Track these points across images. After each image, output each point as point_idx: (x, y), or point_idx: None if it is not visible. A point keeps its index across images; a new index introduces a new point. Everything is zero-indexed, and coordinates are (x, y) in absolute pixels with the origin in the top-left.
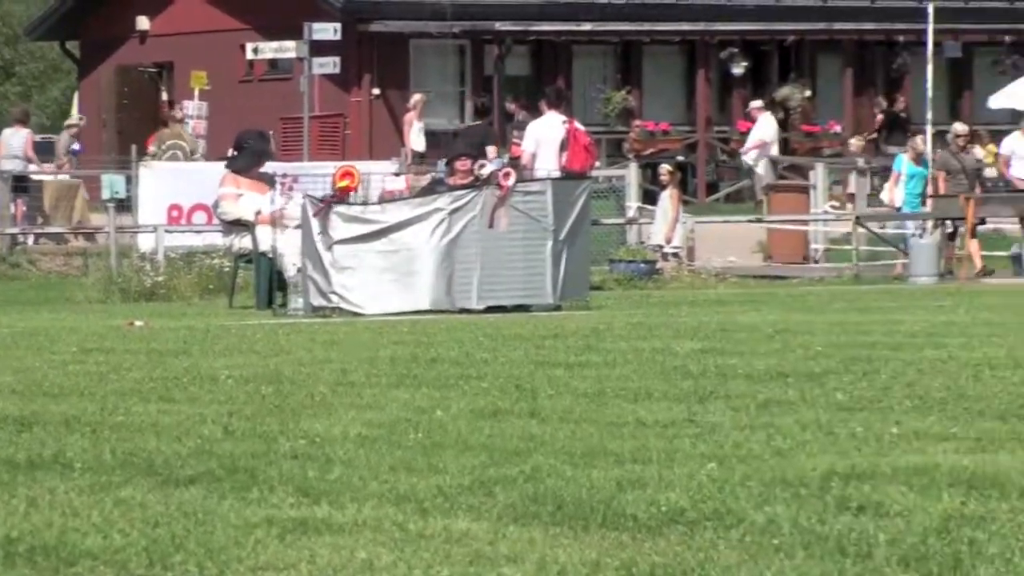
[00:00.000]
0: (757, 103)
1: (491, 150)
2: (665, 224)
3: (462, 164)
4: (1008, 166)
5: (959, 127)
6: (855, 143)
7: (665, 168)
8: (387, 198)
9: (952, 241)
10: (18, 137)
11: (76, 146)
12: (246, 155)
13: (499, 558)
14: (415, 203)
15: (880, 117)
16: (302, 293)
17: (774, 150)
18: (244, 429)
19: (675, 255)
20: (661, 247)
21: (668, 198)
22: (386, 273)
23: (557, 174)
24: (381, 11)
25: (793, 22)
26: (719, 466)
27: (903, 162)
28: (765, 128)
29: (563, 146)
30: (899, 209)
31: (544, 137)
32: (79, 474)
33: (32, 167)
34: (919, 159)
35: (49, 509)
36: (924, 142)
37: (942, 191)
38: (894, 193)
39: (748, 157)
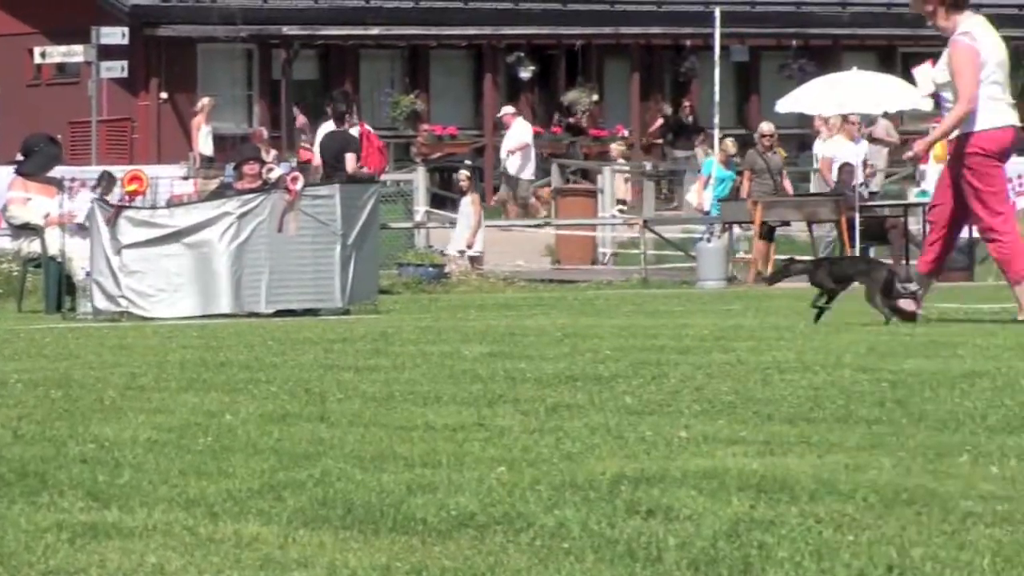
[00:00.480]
0: (509, 109)
1: (350, 158)
2: (468, 230)
3: (250, 168)
4: (830, 170)
5: (765, 127)
6: (615, 148)
7: (464, 174)
8: (175, 202)
9: (771, 242)
10: None
11: None
12: (35, 159)
13: (289, 562)
14: (204, 207)
15: (660, 121)
16: (90, 297)
17: (533, 154)
18: (33, 433)
19: (476, 259)
20: (463, 252)
21: (470, 203)
22: (175, 277)
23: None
24: (168, 15)
25: (580, 26)
26: (508, 470)
27: (712, 165)
28: (522, 132)
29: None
30: (707, 212)
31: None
32: None
33: None
34: (728, 162)
35: None
36: (734, 145)
37: (747, 191)
38: (702, 196)
39: (511, 163)
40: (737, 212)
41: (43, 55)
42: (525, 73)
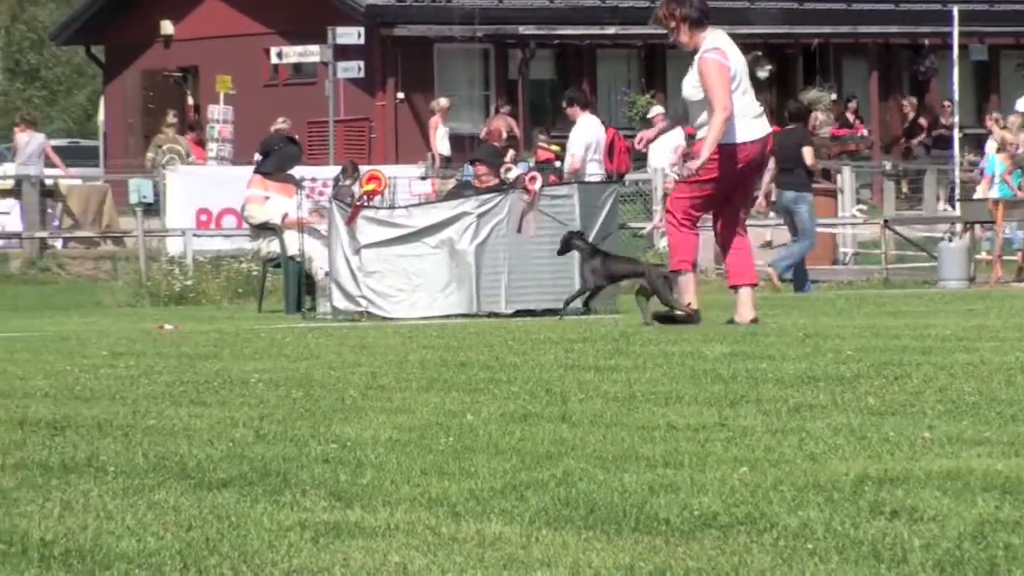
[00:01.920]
0: (659, 109)
1: (807, 152)
2: None
3: (480, 169)
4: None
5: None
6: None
7: None
8: (413, 202)
9: None
10: (34, 141)
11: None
12: (274, 159)
13: (532, 562)
14: (442, 207)
15: (923, 122)
16: (330, 297)
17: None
18: (275, 433)
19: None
20: None
21: None
22: (414, 277)
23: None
24: (405, 15)
25: (818, 25)
26: (751, 470)
27: (996, 163)
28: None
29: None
30: None
31: (593, 141)
32: (112, 477)
33: (56, 171)
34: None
35: (83, 512)
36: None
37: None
38: (989, 194)
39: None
40: (978, 212)
41: (279, 55)
42: (762, 73)
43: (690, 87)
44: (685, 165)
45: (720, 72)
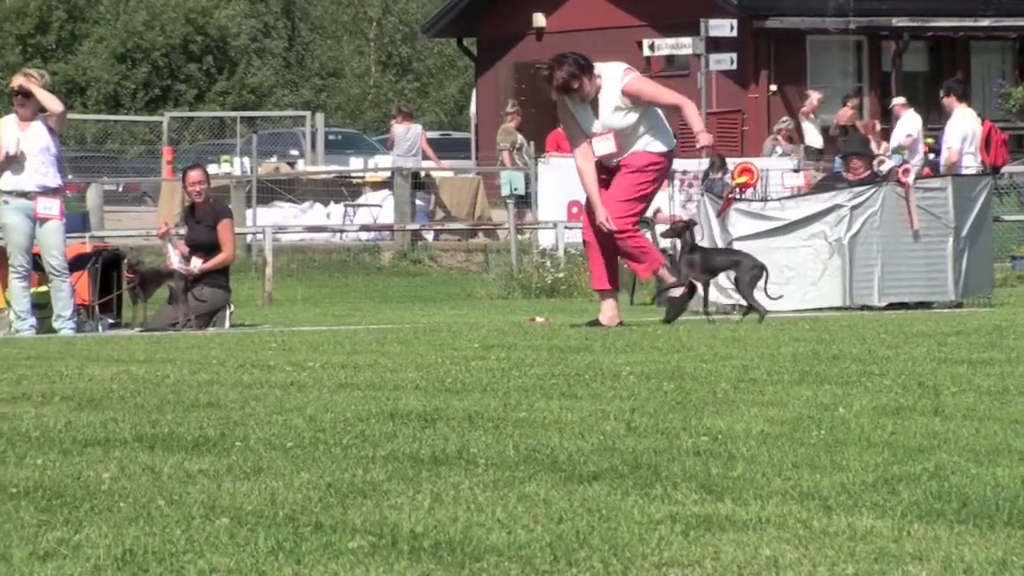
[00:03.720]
0: (900, 100)
1: None
2: None
3: (854, 163)
4: None
5: None
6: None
7: None
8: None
9: None
10: (412, 133)
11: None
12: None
13: (904, 556)
14: (815, 199)
15: None
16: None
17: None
18: (646, 425)
19: None
20: None
21: None
22: (786, 270)
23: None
24: (778, 7)
25: None
26: None
27: None
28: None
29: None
30: None
31: (970, 133)
32: (483, 470)
33: (429, 163)
34: None
35: (453, 504)
36: None
37: None
38: None
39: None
40: None
41: (652, 48)
42: None
43: (613, 116)
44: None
45: (649, 79)
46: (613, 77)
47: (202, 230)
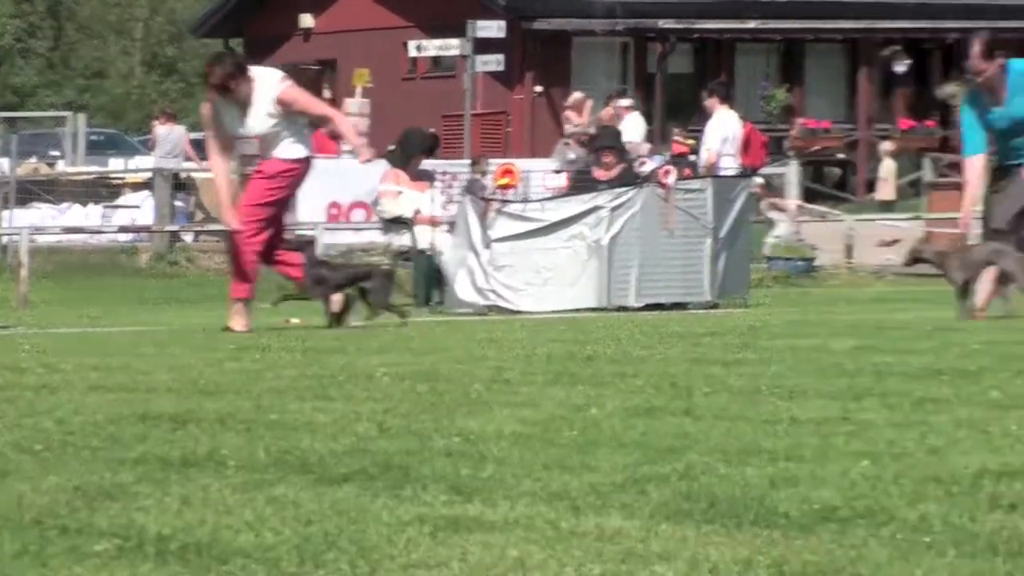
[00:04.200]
0: (626, 101)
1: None
2: None
3: (606, 157)
4: None
5: None
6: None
7: None
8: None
9: None
10: (174, 134)
11: None
12: (406, 152)
13: (651, 556)
14: (575, 200)
15: None
16: (458, 290)
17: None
18: (398, 427)
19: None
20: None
21: None
22: (544, 271)
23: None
24: (545, 9)
25: (956, 20)
26: (872, 463)
27: None
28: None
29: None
30: None
31: (730, 135)
32: (233, 472)
33: (190, 164)
34: None
35: (202, 507)
36: None
37: None
38: None
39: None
40: None
41: (419, 49)
42: (900, 67)
43: (261, 121)
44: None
45: (303, 90)
46: (268, 83)
47: None
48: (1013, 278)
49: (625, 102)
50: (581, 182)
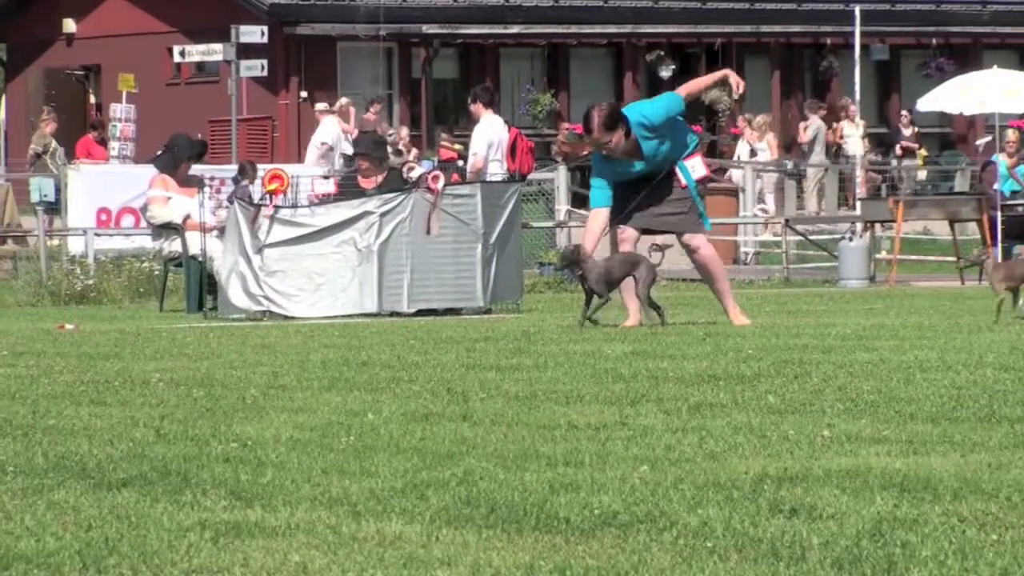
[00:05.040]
0: (321, 105)
1: None
2: None
3: (362, 164)
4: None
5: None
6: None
7: None
8: (316, 201)
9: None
10: None
11: None
12: (175, 157)
13: (432, 561)
14: (345, 206)
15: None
16: (231, 296)
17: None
18: (176, 432)
19: None
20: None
21: None
22: (316, 276)
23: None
24: (308, 14)
25: (720, 24)
26: (651, 469)
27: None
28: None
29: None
30: None
31: (496, 140)
32: (11, 477)
33: None
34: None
35: None
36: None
37: None
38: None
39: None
40: (878, 211)
41: (182, 54)
42: (665, 72)
43: None
44: None
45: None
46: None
47: None
48: None
49: (321, 106)
50: (349, 189)
